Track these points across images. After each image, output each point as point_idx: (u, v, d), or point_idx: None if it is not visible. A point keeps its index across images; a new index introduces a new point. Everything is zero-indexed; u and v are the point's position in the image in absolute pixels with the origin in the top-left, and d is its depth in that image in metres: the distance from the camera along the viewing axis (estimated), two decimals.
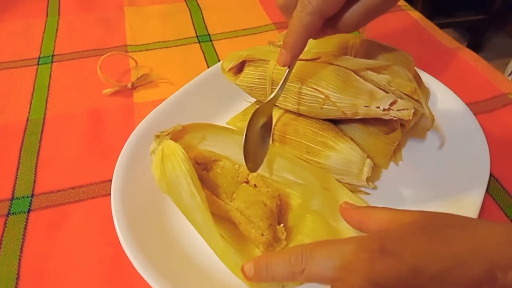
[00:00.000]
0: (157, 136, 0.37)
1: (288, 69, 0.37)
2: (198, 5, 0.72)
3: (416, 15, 0.69)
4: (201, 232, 0.34)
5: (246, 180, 0.39)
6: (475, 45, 1.75)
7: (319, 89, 0.38)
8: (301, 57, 0.40)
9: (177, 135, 0.39)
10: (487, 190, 0.41)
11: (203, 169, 0.39)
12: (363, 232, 0.32)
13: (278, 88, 0.38)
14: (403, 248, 0.24)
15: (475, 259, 0.24)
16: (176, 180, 0.35)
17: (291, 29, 0.34)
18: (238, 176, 0.39)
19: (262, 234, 0.34)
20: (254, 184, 0.39)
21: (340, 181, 0.40)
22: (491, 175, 0.42)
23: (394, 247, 0.25)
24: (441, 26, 0.67)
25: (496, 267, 0.24)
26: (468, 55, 0.59)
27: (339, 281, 0.25)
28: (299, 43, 0.34)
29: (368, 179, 0.40)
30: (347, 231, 0.37)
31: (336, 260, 0.25)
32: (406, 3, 0.73)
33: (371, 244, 0.25)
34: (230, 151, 0.40)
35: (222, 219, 0.37)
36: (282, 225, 0.37)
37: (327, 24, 0.34)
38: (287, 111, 0.43)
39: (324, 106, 0.39)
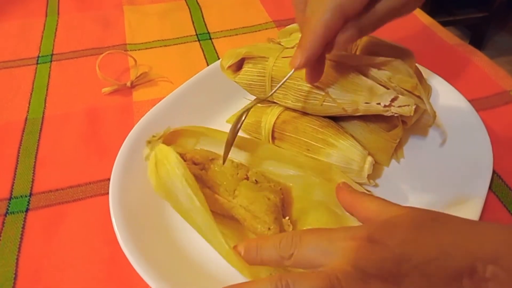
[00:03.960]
0: (149, 142, 0.37)
1: (292, 71, 0.33)
2: (198, 3, 0.72)
3: (417, 11, 0.69)
4: (204, 235, 0.34)
5: (246, 176, 0.39)
6: (477, 43, 1.74)
7: (319, 85, 0.38)
8: None
9: (170, 139, 0.39)
10: (490, 187, 0.40)
11: (201, 169, 0.38)
12: (352, 215, 0.33)
13: (274, 89, 0.37)
14: (390, 238, 0.25)
15: (458, 252, 0.24)
16: (172, 186, 0.34)
17: (308, 28, 0.30)
18: (238, 173, 0.38)
19: (269, 229, 0.34)
20: (255, 180, 0.39)
21: None
22: (493, 172, 0.42)
23: (382, 236, 0.25)
24: (443, 24, 0.66)
25: (477, 260, 0.24)
26: (469, 52, 0.59)
27: (325, 266, 0.25)
28: (316, 44, 0.30)
29: (369, 177, 0.39)
30: (353, 219, 0.36)
31: (324, 245, 0.26)
32: None
33: (360, 233, 0.26)
34: None
35: (225, 217, 0.37)
36: (287, 218, 0.36)
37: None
38: (287, 108, 0.43)
39: (324, 103, 0.38)
